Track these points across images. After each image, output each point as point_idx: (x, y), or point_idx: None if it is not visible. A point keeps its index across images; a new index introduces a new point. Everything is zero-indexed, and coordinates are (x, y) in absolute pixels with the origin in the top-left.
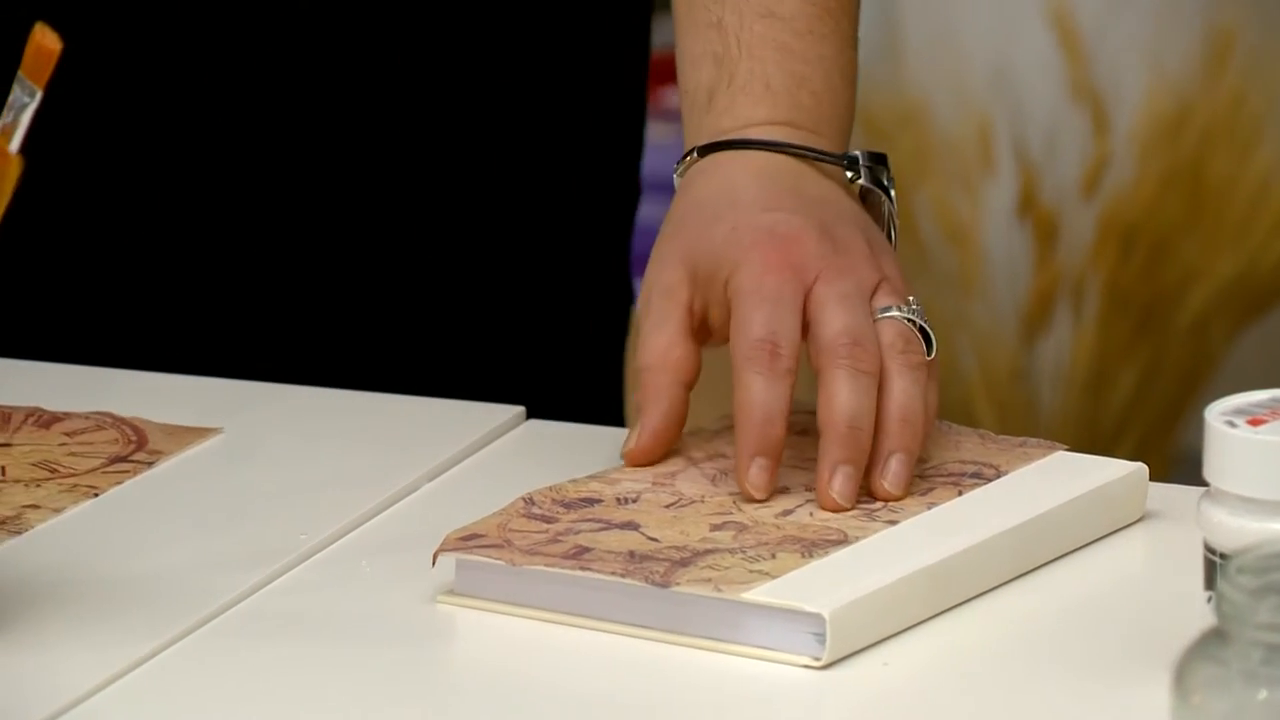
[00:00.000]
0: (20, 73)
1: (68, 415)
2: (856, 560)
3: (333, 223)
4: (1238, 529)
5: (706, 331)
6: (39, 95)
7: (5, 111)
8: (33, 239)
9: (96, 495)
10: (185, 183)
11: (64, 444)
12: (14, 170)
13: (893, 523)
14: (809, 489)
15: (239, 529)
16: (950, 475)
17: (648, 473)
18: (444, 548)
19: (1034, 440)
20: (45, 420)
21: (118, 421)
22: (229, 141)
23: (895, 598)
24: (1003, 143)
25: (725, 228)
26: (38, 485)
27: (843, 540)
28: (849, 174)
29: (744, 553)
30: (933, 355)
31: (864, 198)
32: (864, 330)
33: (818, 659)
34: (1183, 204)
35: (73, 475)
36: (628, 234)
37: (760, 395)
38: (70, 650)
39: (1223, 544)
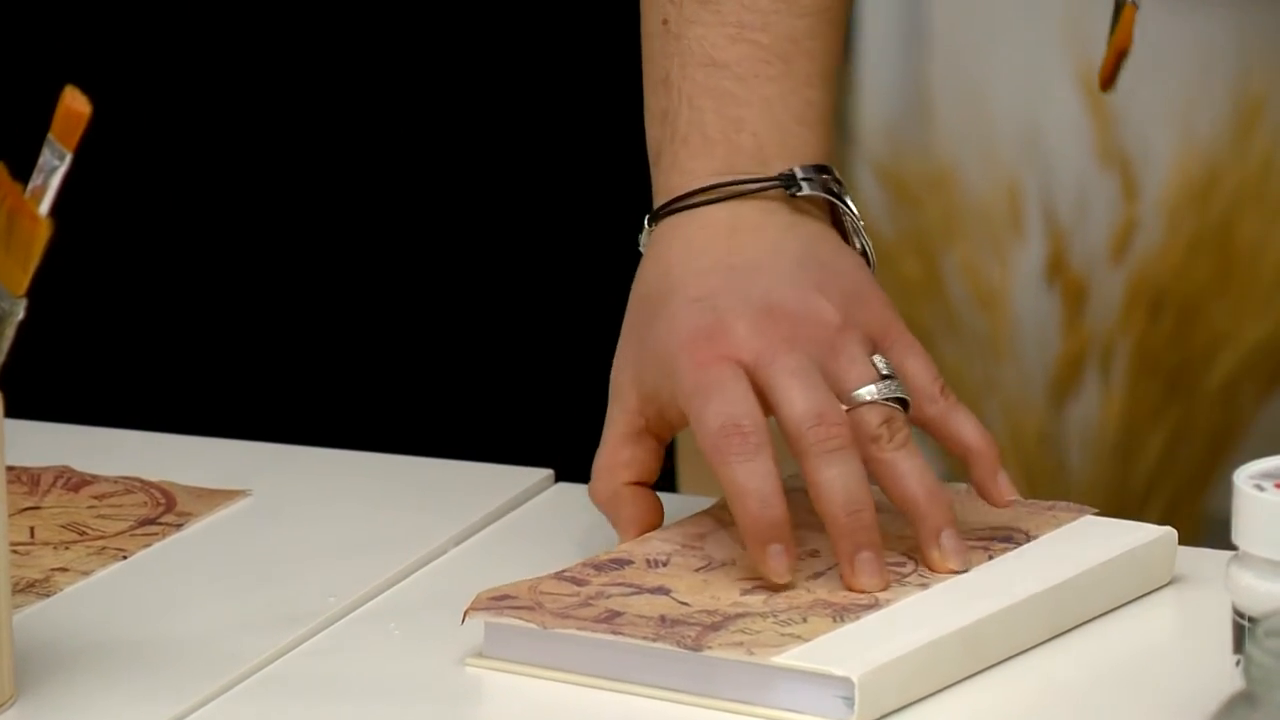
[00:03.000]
0: (50, 135)
1: (96, 479)
2: (888, 624)
3: (362, 286)
4: (1266, 593)
5: (669, 426)
6: (69, 159)
7: (35, 174)
8: (62, 301)
9: (125, 558)
10: (211, 246)
11: (93, 506)
12: (44, 233)
13: (924, 586)
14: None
15: (267, 591)
16: (980, 539)
17: (678, 534)
18: (475, 607)
19: (1063, 504)
20: (74, 483)
21: (146, 485)
22: (257, 204)
23: (925, 661)
24: (1032, 206)
25: (661, 327)
26: (66, 548)
27: (874, 605)
28: (789, 191)
29: (775, 616)
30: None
31: (834, 214)
32: (823, 404)
33: None
34: (1211, 268)
35: (101, 537)
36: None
37: (746, 481)
38: (98, 713)
39: (1251, 608)
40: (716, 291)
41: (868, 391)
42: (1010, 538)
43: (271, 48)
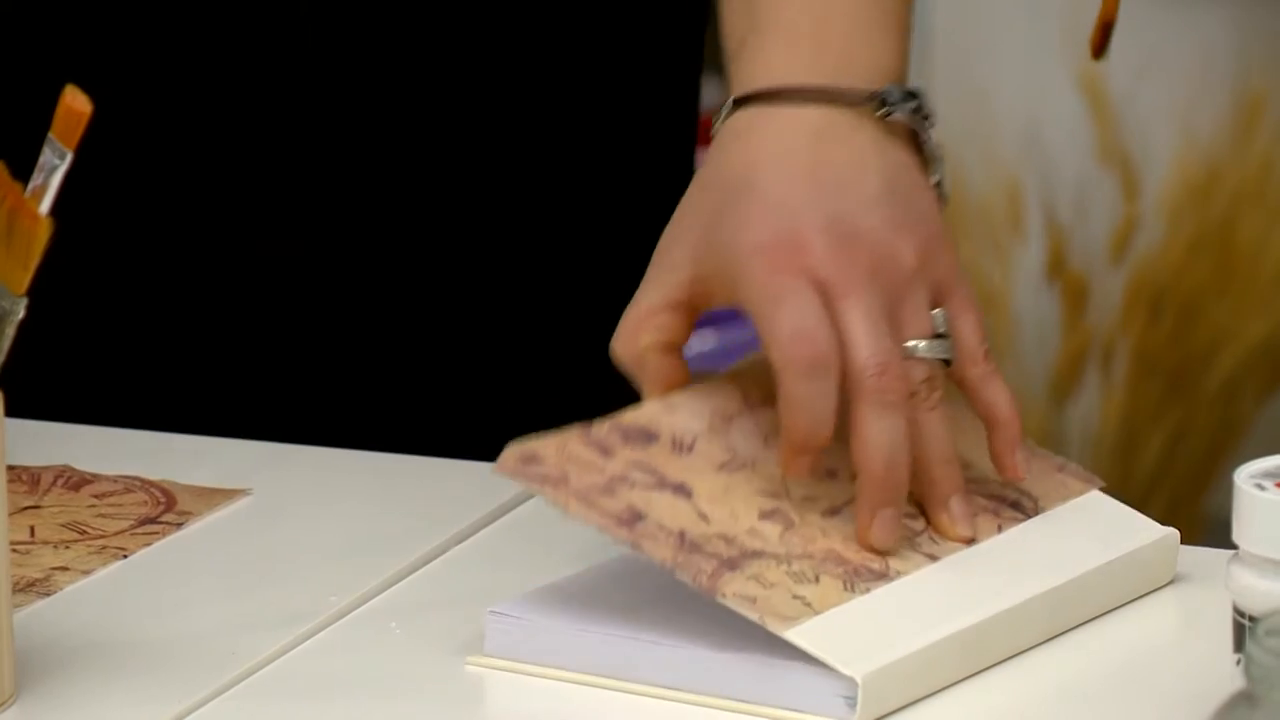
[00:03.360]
0: (50, 135)
1: (96, 478)
2: (895, 604)
3: (363, 287)
4: (1266, 592)
5: (705, 310)
6: (69, 157)
7: (35, 173)
8: (62, 301)
9: (125, 557)
10: (211, 245)
11: (93, 506)
12: (44, 232)
13: (933, 558)
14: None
15: (268, 590)
16: (991, 499)
17: (706, 408)
18: (503, 466)
19: (1072, 466)
20: (74, 482)
21: (146, 484)
22: (258, 204)
23: (927, 662)
24: (1032, 206)
25: (734, 222)
26: (66, 547)
27: (884, 574)
28: (878, 112)
29: (789, 564)
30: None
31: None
32: (889, 355)
33: None
34: (1212, 267)
35: (102, 537)
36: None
37: (807, 398)
38: (99, 712)
39: (1251, 607)
40: (799, 202)
41: (921, 346)
42: (1019, 504)
43: (272, 46)
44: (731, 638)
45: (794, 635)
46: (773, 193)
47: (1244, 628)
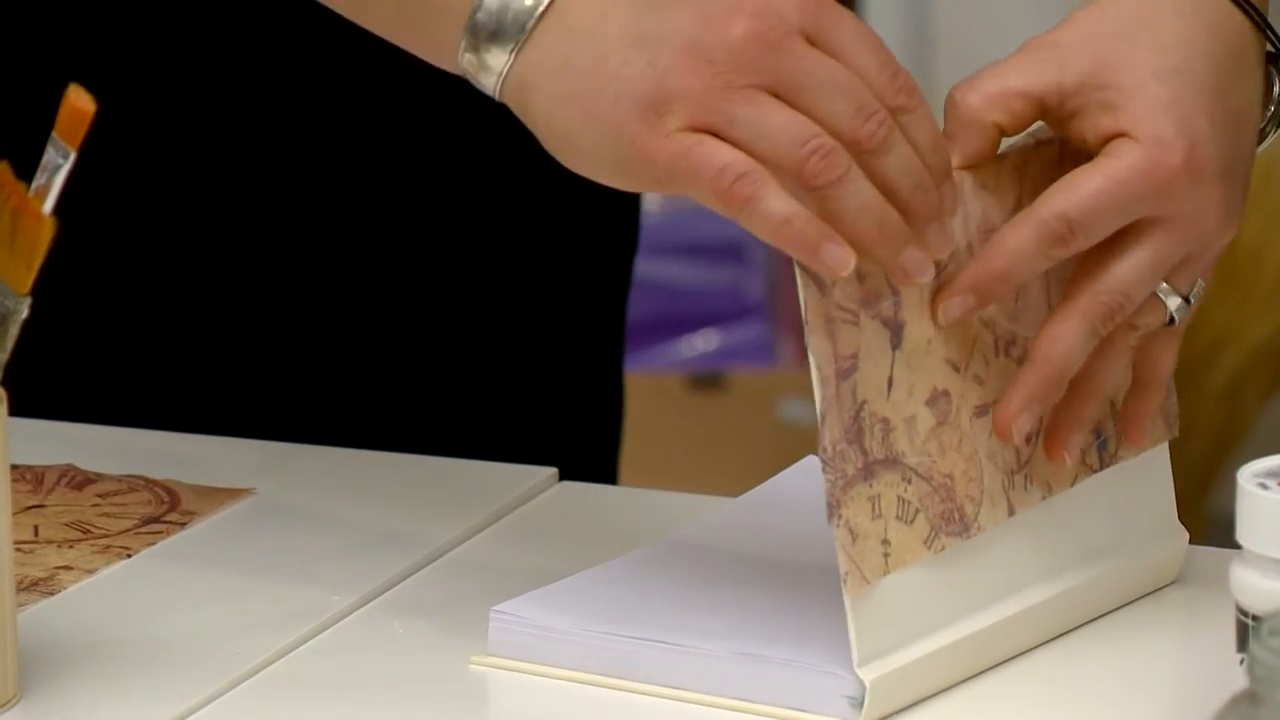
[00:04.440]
0: (54, 134)
1: (100, 477)
2: (899, 616)
3: (367, 286)
4: (1269, 591)
5: (1049, 114)
6: (73, 157)
7: (39, 173)
8: (65, 300)
9: (129, 556)
10: (215, 244)
11: (97, 505)
12: (48, 231)
13: (1012, 510)
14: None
15: (271, 590)
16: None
17: (975, 216)
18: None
19: (1171, 402)
20: (78, 481)
21: (150, 484)
22: (261, 203)
23: (934, 664)
24: None
25: (1132, 59)
26: (70, 546)
27: (966, 528)
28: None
29: (909, 484)
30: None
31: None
32: (1137, 294)
33: None
34: (1215, 268)
35: (106, 536)
36: (626, 286)
37: (1065, 342)
38: (102, 711)
39: (1255, 606)
40: (1203, 108)
41: (1177, 298)
42: (1105, 446)
43: (275, 45)
44: (734, 638)
45: (849, 602)
46: (1200, 82)
47: (1247, 627)
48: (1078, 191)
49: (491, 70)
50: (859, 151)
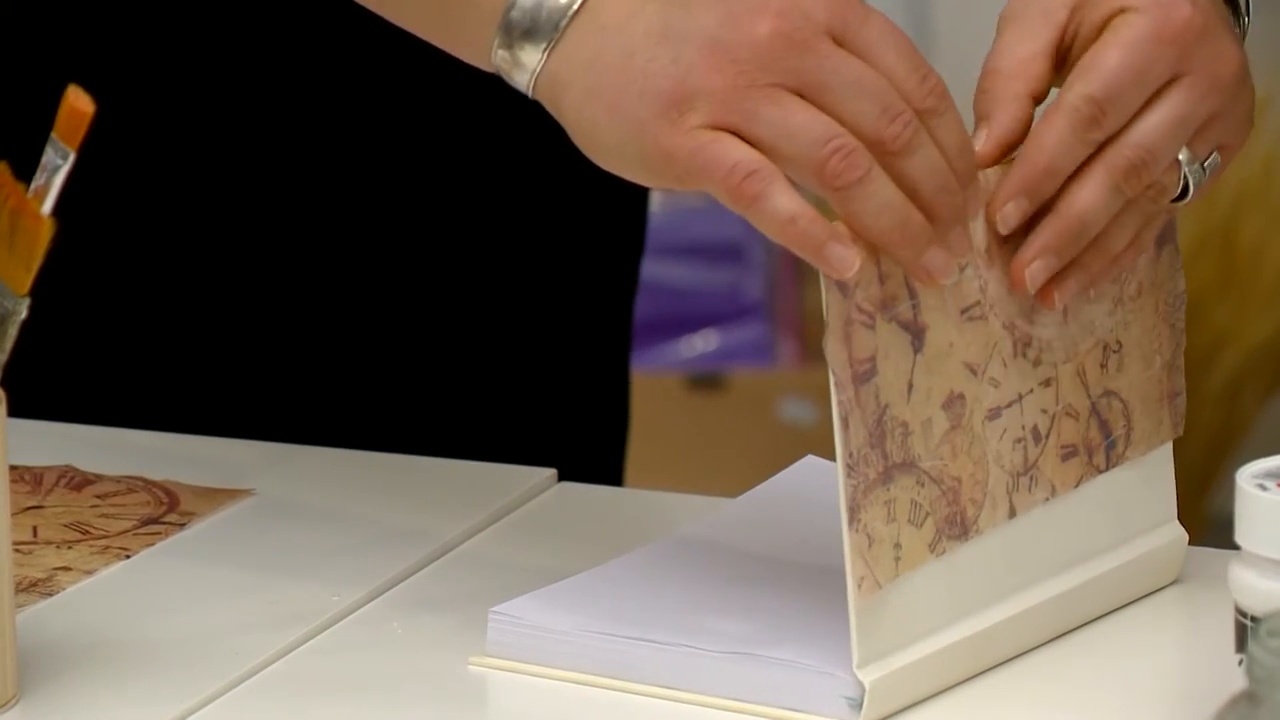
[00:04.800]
0: (53, 134)
1: (99, 478)
2: (902, 618)
3: (366, 286)
4: (1268, 592)
5: (1063, 57)
6: (72, 157)
7: (38, 173)
8: (64, 301)
9: (128, 557)
10: (214, 245)
11: (95, 506)
12: (46, 232)
13: (1013, 511)
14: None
15: (271, 590)
16: (1101, 425)
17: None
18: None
19: (1180, 400)
20: (77, 482)
21: (149, 484)
22: (260, 204)
23: (934, 665)
24: None
25: None
26: (69, 547)
27: (966, 531)
28: None
29: (922, 487)
30: (1183, 202)
31: None
32: (1162, 151)
33: None
34: (1214, 269)
35: (105, 537)
36: (633, 287)
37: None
38: (101, 712)
39: (1253, 607)
40: None
41: (1193, 163)
42: (1114, 445)
43: (279, 43)
44: (733, 638)
45: (857, 608)
46: None
47: (1246, 628)
48: (1098, 70)
49: (525, 68)
50: (883, 153)
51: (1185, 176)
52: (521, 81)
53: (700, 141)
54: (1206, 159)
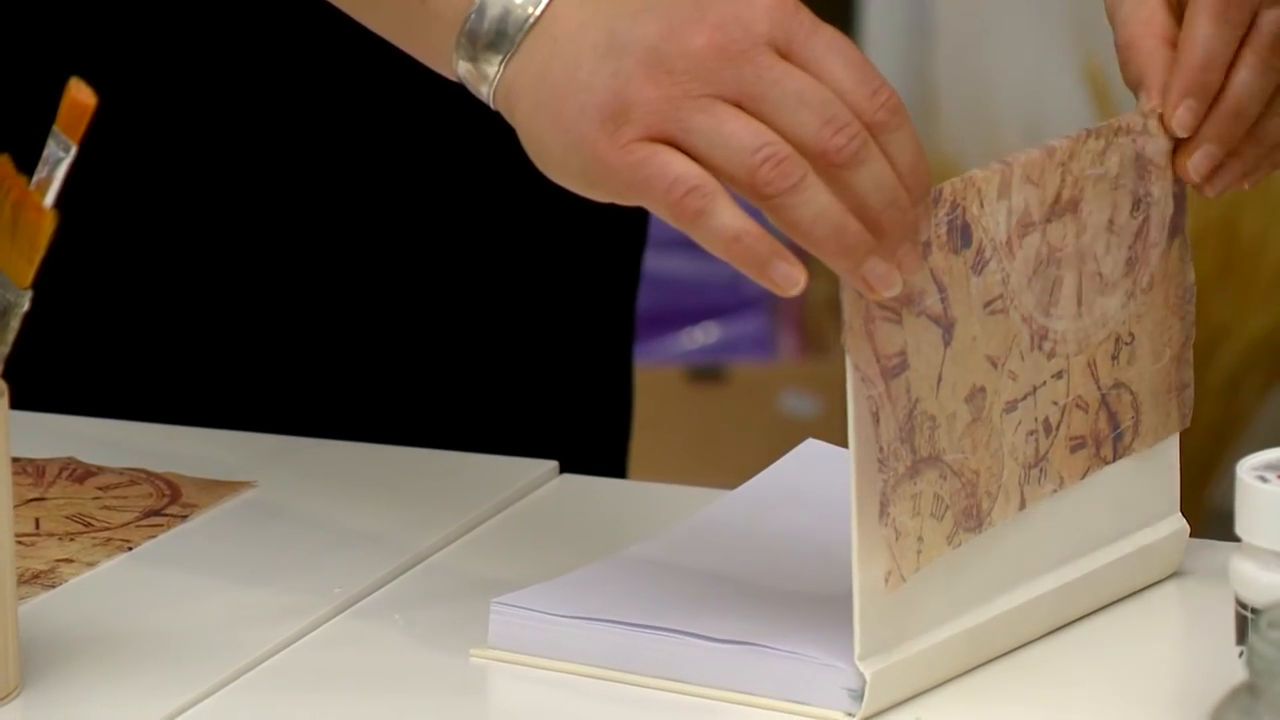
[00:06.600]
0: (55, 127)
1: (102, 470)
2: (904, 613)
3: (367, 279)
4: (1269, 584)
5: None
6: (74, 150)
7: (40, 166)
8: (67, 294)
9: (130, 549)
10: (218, 238)
11: (98, 498)
12: (49, 224)
13: (1023, 503)
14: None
15: (272, 583)
16: (1109, 415)
17: (1020, 202)
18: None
19: (1188, 394)
20: (79, 474)
21: (151, 477)
22: (262, 196)
23: (934, 657)
24: None
25: None
26: (71, 539)
27: (980, 524)
28: None
29: (945, 480)
30: None
31: None
32: None
33: (851, 715)
34: (1214, 262)
35: (107, 529)
36: (635, 280)
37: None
38: (104, 704)
39: (1254, 599)
40: None
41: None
42: (1122, 436)
43: (281, 38)
44: (735, 630)
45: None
46: None
47: (1246, 620)
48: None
49: (486, 78)
50: (827, 165)
51: None
52: (484, 93)
53: (639, 156)
54: None
